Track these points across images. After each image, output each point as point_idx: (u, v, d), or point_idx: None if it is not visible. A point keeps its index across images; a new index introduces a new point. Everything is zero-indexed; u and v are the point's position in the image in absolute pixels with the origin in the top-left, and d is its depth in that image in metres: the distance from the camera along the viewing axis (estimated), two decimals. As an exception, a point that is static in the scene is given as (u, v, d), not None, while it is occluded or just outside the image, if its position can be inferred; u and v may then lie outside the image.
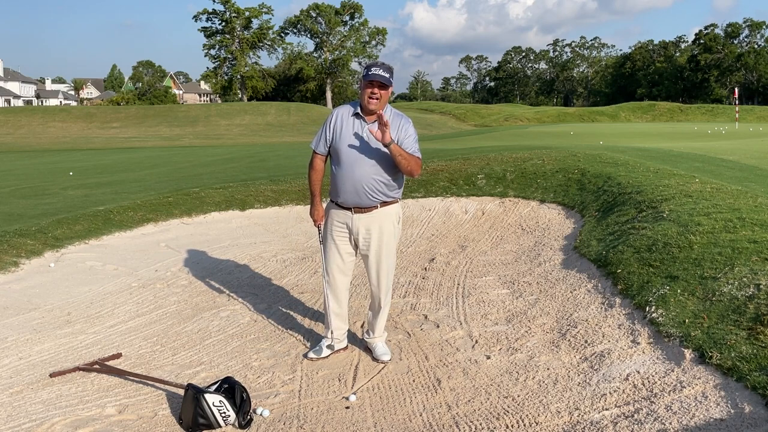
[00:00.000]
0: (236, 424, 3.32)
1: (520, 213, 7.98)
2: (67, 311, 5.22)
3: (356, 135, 3.91)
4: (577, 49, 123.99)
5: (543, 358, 3.91)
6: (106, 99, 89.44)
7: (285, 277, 6.18)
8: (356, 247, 4.12)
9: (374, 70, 3.81)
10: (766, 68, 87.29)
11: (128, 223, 7.98)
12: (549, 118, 58.40)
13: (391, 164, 3.92)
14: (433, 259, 6.54)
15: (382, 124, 3.73)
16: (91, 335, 4.71)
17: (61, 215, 7.98)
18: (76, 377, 3.95)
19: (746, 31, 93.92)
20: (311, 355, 4.17)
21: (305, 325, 4.85)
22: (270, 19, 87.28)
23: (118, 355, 4.27)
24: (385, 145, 3.80)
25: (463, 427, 3.18)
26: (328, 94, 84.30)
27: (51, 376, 3.95)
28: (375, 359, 4.10)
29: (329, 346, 4.22)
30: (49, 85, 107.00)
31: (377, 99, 3.83)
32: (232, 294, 5.67)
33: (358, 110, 3.93)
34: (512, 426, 3.15)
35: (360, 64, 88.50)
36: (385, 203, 4.02)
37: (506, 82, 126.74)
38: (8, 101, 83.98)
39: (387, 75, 3.82)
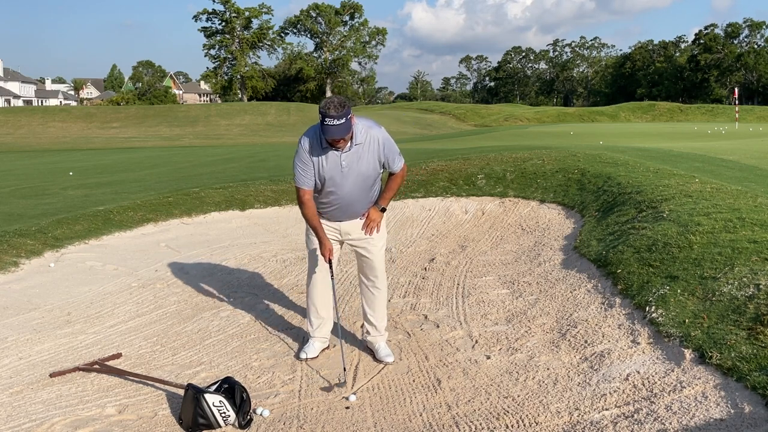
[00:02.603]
0: (236, 424, 3.32)
1: (520, 213, 7.98)
2: (67, 311, 5.22)
3: (334, 165, 3.85)
4: (577, 49, 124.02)
5: (543, 358, 3.91)
6: (106, 99, 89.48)
7: (285, 277, 6.18)
8: (342, 245, 4.21)
9: (329, 122, 3.60)
10: (766, 68, 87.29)
11: (128, 223, 7.99)
12: (549, 118, 58.40)
13: (371, 182, 3.99)
14: (433, 259, 6.54)
15: (370, 229, 4.06)
16: (91, 335, 4.71)
17: (61, 215, 7.98)
18: (76, 377, 3.95)
19: (746, 31, 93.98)
20: (302, 355, 4.19)
21: (305, 325, 4.84)
22: (270, 19, 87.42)
23: (118, 355, 4.27)
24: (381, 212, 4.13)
25: (463, 427, 3.18)
26: (328, 94, 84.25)
27: (51, 376, 3.95)
28: (378, 360, 4.10)
29: (320, 344, 4.26)
30: (49, 85, 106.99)
31: (342, 145, 3.76)
32: (232, 294, 5.67)
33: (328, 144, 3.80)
34: (512, 426, 3.15)
35: (360, 64, 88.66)
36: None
37: (506, 82, 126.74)
38: (8, 101, 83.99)
39: (341, 122, 3.61)
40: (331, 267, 4.05)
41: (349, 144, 3.82)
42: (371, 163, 3.91)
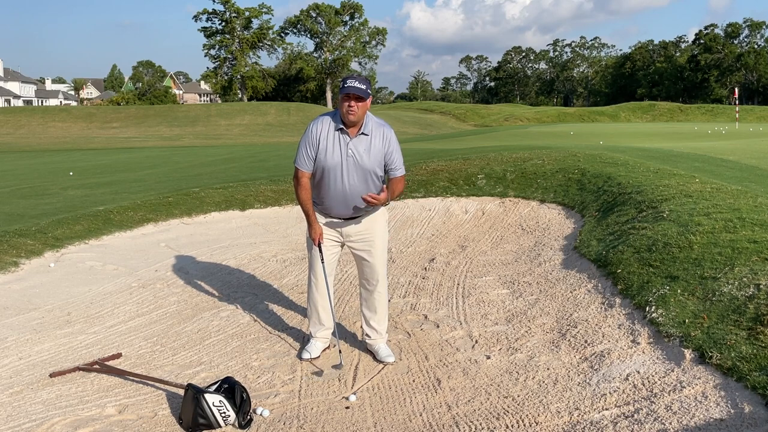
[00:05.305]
0: (236, 424, 3.32)
1: (520, 213, 7.98)
2: (67, 311, 5.22)
3: (341, 151, 3.89)
4: (577, 49, 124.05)
5: (543, 358, 3.90)
6: (106, 99, 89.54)
7: (285, 277, 6.18)
8: (342, 247, 4.22)
9: (350, 83, 3.76)
10: (766, 68, 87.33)
11: (128, 223, 7.98)
12: (549, 118, 58.41)
13: (375, 177, 3.99)
14: (433, 259, 6.54)
15: (371, 199, 3.86)
16: (91, 335, 4.71)
17: (61, 215, 7.98)
18: (76, 377, 3.95)
19: (746, 31, 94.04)
20: (305, 355, 4.19)
21: (305, 325, 4.84)
22: (270, 19, 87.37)
23: (118, 355, 4.27)
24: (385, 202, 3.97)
25: (463, 427, 3.18)
26: (328, 94, 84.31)
27: (51, 376, 3.95)
28: (379, 361, 4.10)
29: (322, 344, 4.26)
30: (49, 85, 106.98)
31: (354, 111, 3.78)
32: (232, 294, 5.67)
33: (341, 125, 3.87)
34: (512, 426, 3.15)
35: (360, 64, 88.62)
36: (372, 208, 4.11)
37: (506, 82, 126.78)
38: (8, 101, 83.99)
39: (363, 87, 3.76)
40: (321, 251, 4.06)
41: (357, 130, 3.87)
42: (376, 158, 3.92)
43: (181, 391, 3.47)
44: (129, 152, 24.64)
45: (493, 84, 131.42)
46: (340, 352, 4.11)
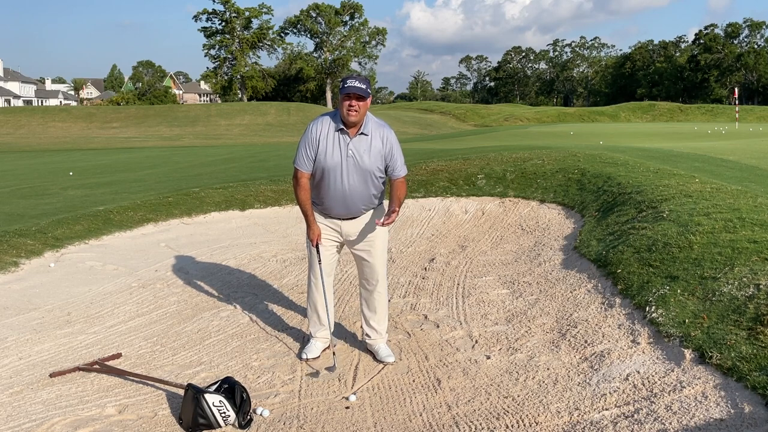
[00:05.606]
0: (236, 424, 3.32)
1: (520, 213, 7.98)
2: (67, 311, 5.22)
3: (341, 151, 3.88)
4: (577, 49, 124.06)
5: (543, 358, 3.91)
6: (106, 99, 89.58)
7: (285, 277, 6.18)
8: (341, 247, 4.23)
9: (350, 82, 3.77)
10: (766, 68, 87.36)
11: (128, 223, 7.99)
12: (549, 118, 58.42)
13: (375, 177, 3.99)
14: (433, 259, 6.54)
15: (386, 224, 3.83)
16: (91, 335, 4.71)
17: (61, 215, 7.98)
18: (76, 377, 3.95)
19: (746, 31, 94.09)
20: (303, 356, 4.19)
21: (305, 325, 4.84)
22: (270, 19, 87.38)
23: (118, 355, 4.27)
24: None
25: (463, 427, 3.18)
26: (328, 94, 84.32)
27: (51, 376, 3.95)
28: (379, 361, 4.10)
29: (321, 344, 4.26)
30: (49, 85, 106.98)
31: (356, 111, 3.78)
32: (232, 294, 5.67)
33: (341, 125, 3.87)
34: (512, 426, 3.15)
35: (360, 64, 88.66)
36: (372, 208, 4.13)
37: (506, 82, 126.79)
38: (8, 101, 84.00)
39: (363, 86, 3.77)
40: (318, 252, 4.06)
41: (357, 131, 3.87)
42: (375, 159, 3.92)
43: (181, 391, 3.47)
44: (129, 152, 24.64)
45: (493, 84, 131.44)
46: (333, 354, 4.09)
